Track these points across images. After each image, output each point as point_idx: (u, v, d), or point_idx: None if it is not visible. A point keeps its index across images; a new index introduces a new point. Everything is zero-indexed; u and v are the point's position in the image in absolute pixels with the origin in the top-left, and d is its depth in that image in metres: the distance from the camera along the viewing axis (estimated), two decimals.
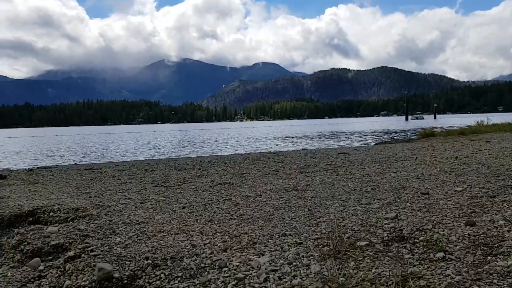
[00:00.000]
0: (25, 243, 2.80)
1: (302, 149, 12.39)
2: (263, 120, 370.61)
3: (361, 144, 17.77)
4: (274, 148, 17.00)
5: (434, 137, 15.25)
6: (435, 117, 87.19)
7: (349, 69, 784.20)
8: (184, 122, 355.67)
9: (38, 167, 8.87)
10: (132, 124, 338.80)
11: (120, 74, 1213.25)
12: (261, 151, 15.10)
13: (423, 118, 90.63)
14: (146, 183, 4.84)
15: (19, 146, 27.88)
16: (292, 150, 10.99)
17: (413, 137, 20.88)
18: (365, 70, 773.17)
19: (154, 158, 13.09)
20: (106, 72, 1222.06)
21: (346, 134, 31.09)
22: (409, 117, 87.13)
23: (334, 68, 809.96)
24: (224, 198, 4.09)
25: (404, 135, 21.80)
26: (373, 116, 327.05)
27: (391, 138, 20.35)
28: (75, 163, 10.11)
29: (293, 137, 27.20)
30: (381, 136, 25.44)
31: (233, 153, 13.08)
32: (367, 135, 27.77)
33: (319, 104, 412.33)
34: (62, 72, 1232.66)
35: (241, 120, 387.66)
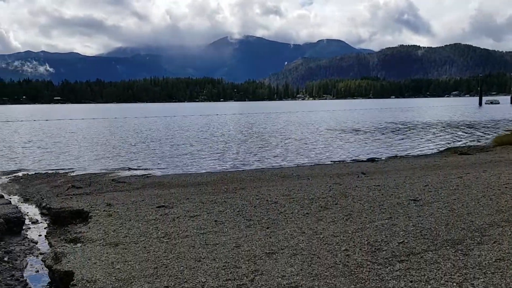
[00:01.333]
0: None
1: (361, 175, 11.85)
2: (325, 98, 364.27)
3: (429, 149, 16.85)
4: (335, 154, 16.43)
5: None
6: (511, 102, 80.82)
7: (419, 46, 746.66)
8: (245, 100, 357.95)
9: (113, 180, 9.10)
10: (195, 101, 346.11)
11: (185, 52, 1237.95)
12: (324, 161, 14.69)
13: (499, 103, 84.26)
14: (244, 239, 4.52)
15: (92, 134, 29.01)
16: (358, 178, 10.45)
17: (488, 138, 19.42)
18: (437, 47, 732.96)
19: (229, 170, 12.94)
20: (172, 50, 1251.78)
21: (414, 127, 29.61)
22: (483, 101, 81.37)
23: (402, 45, 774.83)
24: None
25: (478, 137, 20.16)
26: (443, 96, 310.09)
27: (462, 141, 18.89)
28: (147, 176, 10.28)
29: (356, 131, 26.30)
30: (451, 133, 23.89)
31: (295, 165, 12.62)
32: (436, 131, 26.25)
33: (386, 83, 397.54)
34: (131, 49, 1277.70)
35: (303, 99, 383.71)
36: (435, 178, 7.40)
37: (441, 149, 15.94)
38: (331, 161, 12.93)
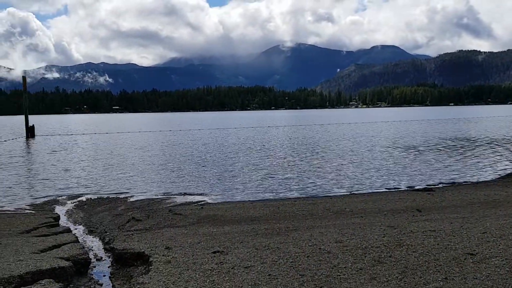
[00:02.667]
0: None
1: (416, 212, 11.53)
2: (379, 106, 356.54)
3: (490, 173, 16.14)
4: (390, 179, 16.13)
5: None
6: None
7: (479, 51, 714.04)
8: (297, 108, 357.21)
9: (170, 211, 9.46)
10: (247, 109, 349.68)
11: (237, 61, 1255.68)
12: (379, 187, 14.47)
13: None
14: None
15: (148, 151, 30.04)
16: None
17: None
18: (499, 52, 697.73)
19: (281, 197, 13.20)
20: (224, 59, 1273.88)
21: (474, 144, 28.41)
22: None
23: (461, 50, 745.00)
24: None
25: None
26: (506, 103, 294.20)
27: None
28: (201, 205, 10.60)
29: (413, 149, 25.60)
30: None
31: (349, 192, 12.55)
32: (499, 149, 25.07)
33: (444, 89, 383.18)
34: (185, 59, 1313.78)
35: (356, 107, 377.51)
36: (494, 222, 7.13)
37: (502, 174, 15.21)
38: (386, 189, 12.72)
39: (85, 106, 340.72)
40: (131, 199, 11.93)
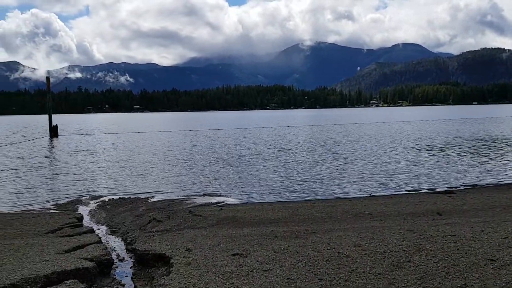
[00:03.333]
0: None
1: (436, 216, 11.38)
2: (400, 105, 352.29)
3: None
4: (411, 180, 15.98)
5: None
6: None
7: (503, 49, 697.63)
8: (316, 107, 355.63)
9: (190, 212, 9.58)
10: (266, 109, 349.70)
11: (255, 60, 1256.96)
12: (399, 189, 14.36)
13: None
14: None
15: (168, 150, 30.34)
16: None
17: None
18: None
19: (299, 199, 13.28)
20: (243, 58, 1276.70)
21: (497, 144, 27.89)
22: None
23: (485, 48, 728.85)
24: None
25: None
26: None
27: None
28: (220, 206, 10.70)
29: (435, 150, 25.28)
30: None
31: (368, 194, 12.56)
32: None
33: (467, 88, 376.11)
34: (205, 59, 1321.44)
35: (377, 106, 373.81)
36: None
37: None
38: (406, 191, 12.62)
39: (106, 106, 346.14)
40: (152, 200, 12.12)
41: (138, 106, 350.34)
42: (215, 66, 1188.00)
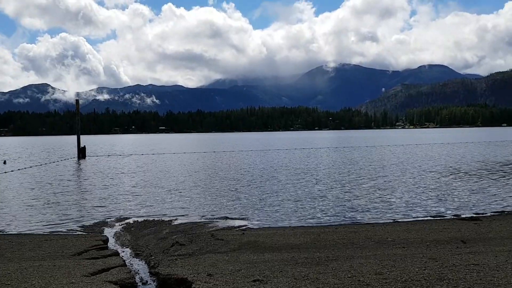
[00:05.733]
0: None
1: (460, 244, 11.24)
2: (427, 127, 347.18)
3: None
4: (435, 205, 15.70)
5: None
6: None
7: None
8: (341, 129, 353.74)
9: (212, 236, 9.70)
10: (290, 130, 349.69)
11: (279, 82, 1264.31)
12: (422, 214, 14.17)
13: None
14: None
15: (192, 172, 30.58)
16: None
17: None
18: None
19: (322, 224, 13.28)
20: (267, 80, 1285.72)
21: None
22: None
23: None
24: None
25: None
26: None
27: None
28: (242, 231, 10.72)
29: (464, 173, 24.81)
30: None
31: (391, 220, 12.44)
32: None
33: (496, 110, 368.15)
34: (229, 81, 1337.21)
35: (403, 127, 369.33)
36: None
37: None
38: (431, 217, 12.44)
39: (133, 127, 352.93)
40: (175, 222, 12.30)
41: (164, 127, 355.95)
42: (239, 88, 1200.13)
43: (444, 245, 8.36)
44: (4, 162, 39.13)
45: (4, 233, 11.40)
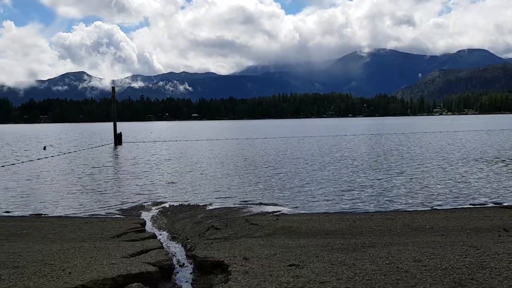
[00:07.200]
0: None
1: (502, 232, 10.66)
2: (466, 113, 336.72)
3: None
4: (475, 193, 15.23)
5: None
6: None
7: None
8: (375, 115, 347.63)
9: (247, 221, 9.75)
10: (323, 117, 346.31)
11: (312, 68, 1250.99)
12: (462, 202, 13.77)
13: None
14: None
15: (225, 158, 30.80)
16: None
17: None
18: None
19: (358, 210, 13.14)
20: (299, 66, 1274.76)
21: None
22: None
23: None
24: None
25: None
26: None
27: None
28: (276, 216, 10.72)
29: (503, 161, 23.97)
30: None
31: (429, 208, 12.12)
32: None
33: None
34: (262, 67, 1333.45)
35: (440, 114, 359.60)
36: None
37: None
38: (471, 205, 12.08)
39: (166, 114, 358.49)
40: (210, 207, 12.43)
41: (196, 114, 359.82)
42: (271, 74, 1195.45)
43: (485, 233, 8.10)
44: (44, 148, 40.57)
45: (46, 215, 11.82)
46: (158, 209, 12.36)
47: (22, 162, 27.06)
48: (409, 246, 7.08)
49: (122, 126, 69.08)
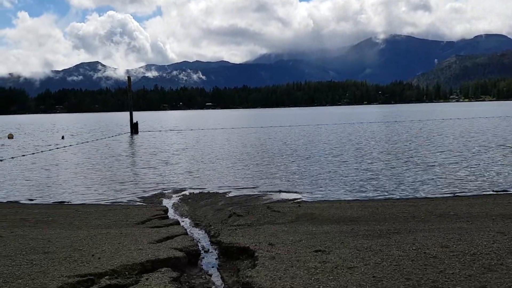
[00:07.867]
0: None
1: None
2: (483, 100, 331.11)
3: None
4: (499, 179, 14.99)
5: None
6: None
7: None
8: (391, 103, 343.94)
9: (268, 208, 9.78)
10: (338, 104, 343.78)
11: (326, 55, 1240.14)
12: (485, 189, 13.57)
13: None
14: None
15: (241, 146, 30.83)
16: None
17: None
18: None
19: (379, 197, 13.10)
20: (313, 54, 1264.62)
21: None
22: None
23: None
24: None
25: None
26: None
27: None
28: (298, 203, 10.72)
29: None
30: None
31: (452, 194, 12.00)
32: None
33: None
34: (275, 55, 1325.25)
35: (457, 100, 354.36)
36: None
37: None
38: (493, 191, 11.93)
39: (180, 103, 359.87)
40: (230, 195, 12.49)
41: (210, 103, 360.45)
42: (285, 63, 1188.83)
43: (511, 219, 8.00)
44: (62, 137, 41.14)
45: (69, 203, 12.02)
46: (179, 197, 12.47)
47: (42, 151, 27.49)
48: (435, 232, 7.03)
49: (137, 116, 69.55)
